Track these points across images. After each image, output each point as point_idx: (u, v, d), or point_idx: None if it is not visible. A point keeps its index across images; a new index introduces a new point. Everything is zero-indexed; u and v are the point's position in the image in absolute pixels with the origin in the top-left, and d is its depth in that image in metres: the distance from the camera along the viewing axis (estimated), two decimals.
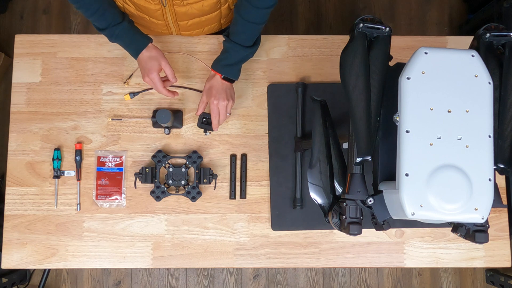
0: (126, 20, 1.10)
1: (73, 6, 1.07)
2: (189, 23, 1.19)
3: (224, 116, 1.15)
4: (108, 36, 1.11)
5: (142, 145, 1.24)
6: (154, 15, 1.15)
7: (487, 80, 0.75)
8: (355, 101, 0.80)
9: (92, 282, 2.07)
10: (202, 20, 1.19)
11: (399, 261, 1.22)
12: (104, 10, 1.07)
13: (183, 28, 1.22)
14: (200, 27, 1.24)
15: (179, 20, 1.17)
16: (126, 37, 1.11)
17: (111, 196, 1.21)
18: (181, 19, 1.17)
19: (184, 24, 1.19)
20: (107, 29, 1.09)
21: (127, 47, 1.13)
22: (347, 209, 0.81)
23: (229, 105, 1.14)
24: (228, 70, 1.12)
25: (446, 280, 2.14)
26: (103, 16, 1.07)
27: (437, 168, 0.72)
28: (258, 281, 2.09)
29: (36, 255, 1.19)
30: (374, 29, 0.83)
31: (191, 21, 1.18)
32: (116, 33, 1.09)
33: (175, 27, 1.21)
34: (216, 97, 1.12)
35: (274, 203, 1.22)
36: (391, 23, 2.35)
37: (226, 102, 1.13)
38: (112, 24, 1.08)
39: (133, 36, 1.11)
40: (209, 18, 1.20)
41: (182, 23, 1.19)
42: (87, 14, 1.07)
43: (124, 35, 1.10)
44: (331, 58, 1.30)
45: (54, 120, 1.24)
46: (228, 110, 1.15)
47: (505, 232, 1.23)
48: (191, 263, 1.20)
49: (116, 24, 1.08)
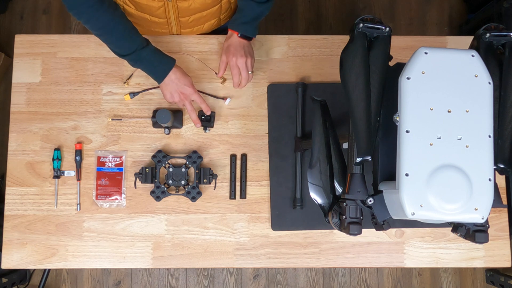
0: (150, 43, 1.10)
1: (93, 33, 1.06)
2: (191, 19, 1.19)
3: (246, 74, 1.14)
4: (133, 60, 1.09)
5: (142, 145, 1.24)
6: (156, 13, 1.15)
7: (487, 80, 0.75)
8: (355, 101, 0.80)
9: (92, 282, 2.07)
10: (203, 15, 1.20)
11: (399, 261, 1.22)
12: (130, 33, 1.06)
13: (184, 25, 1.22)
14: (200, 24, 1.24)
15: (181, 16, 1.17)
16: (155, 58, 1.10)
17: (111, 196, 1.21)
18: (183, 15, 1.17)
19: (185, 20, 1.19)
20: (133, 53, 1.07)
21: (154, 68, 1.11)
22: (347, 209, 0.81)
23: (248, 62, 1.14)
24: (244, 28, 1.13)
25: (446, 280, 2.14)
26: (128, 40, 1.06)
27: (437, 168, 0.72)
28: (258, 281, 2.09)
29: (36, 255, 1.19)
30: (374, 29, 0.83)
31: (193, 16, 1.18)
32: (142, 56, 1.08)
33: (176, 25, 1.21)
34: (234, 55, 1.12)
35: (274, 203, 1.22)
36: (391, 23, 2.35)
37: (245, 58, 1.12)
38: (139, 48, 1.07)
39: (160, 57, 1.11)
40: (209, 13, 1.20)
41: (184, 19, 1.19)
42: (110, 40, 1.05)
43: (152, 57, 1.09)
44: (331, 58, 1.30)
45: (54, 120, 1.24)
46: (249, 68, 1.14)
47: (505, 232, 1.23)
48: (191, 263, 1.20)
49: (143, 48, 1.07)
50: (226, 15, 1.27)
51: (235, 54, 1.12)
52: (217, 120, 1.25)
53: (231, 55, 1.12)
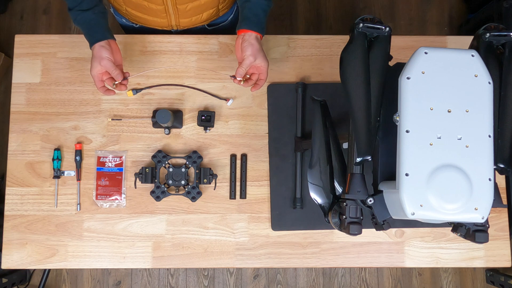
0: (94, 10, 1.08)
1: None
2: (189, 7, 1.18)
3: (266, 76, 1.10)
4: (72, 19, 1.09)
5: (142, 145, 1.24)
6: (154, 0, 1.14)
7: (487, 80, 0.75)
8: (355, 101, 0.80)
9: (92, 282, 2.07)
10: (201, 3, 1.19)
11: (399, 261, 1.22)
12: None
13: (182, 14, 1.21)
14: (199, 13, 1.23)
15: (179, 4, 1.16)
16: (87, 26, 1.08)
17: (111, 196, 1.21)
18: (180, 2, 1.16)
19: (183, 8, 1.18)
20: (72, 10, 1.07)
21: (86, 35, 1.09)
22: (347, 209, 0.81)
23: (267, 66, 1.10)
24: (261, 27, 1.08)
25: (446, 280, 2.14)
26: None
27: (437, 168, 0.72)
28: (258, 281, 2.09)
29: (36, 255, 1.19)
30: (374, 29, 0.83)
31: (191, 4, 1.18)
32: (77, 19, 1.08)
33: (174, 13, 1.20)
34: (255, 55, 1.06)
35: (274, 203, 1.22)
36: (391, 23, 2.35)
37: (267, 62, 1.08)
38: (77, 8, 1.06)
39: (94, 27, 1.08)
40: (208, 2, 1.19)
41: (182, 7, 1.18)
42: None
43: (84, 24, 1.08)
44: (331, 58, 1.30)
45: (54, 120, 1.24)
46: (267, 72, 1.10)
47: (505, 232, 1.23)
48: (191, 263, 1.20)
49: (81, 10, 1.06)
50: (225, 5, 1.27)
51: (257, 55, 1.06)
52: (217, 120, 1.25)
53: (252, 56, 1.05)
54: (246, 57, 1.05)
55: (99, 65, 1.06)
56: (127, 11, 1.24)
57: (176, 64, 1.27)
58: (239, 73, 1.07)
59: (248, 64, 1.06)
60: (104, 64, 1.05)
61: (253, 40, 1.06)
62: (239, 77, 1.07)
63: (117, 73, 1.07)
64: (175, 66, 1.27)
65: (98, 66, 1.06)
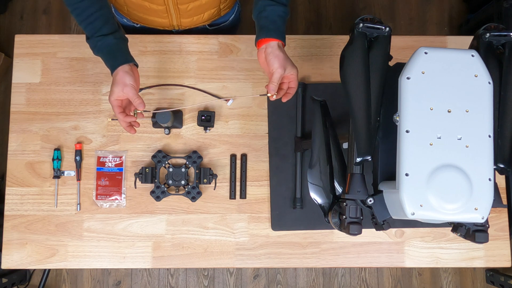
0: (116, 35, 1.02)
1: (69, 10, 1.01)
2: (190, 6, 1.18)
3: (297, 84, 1.04)
4: (91, 48, 1.03)
5: (142, 145, 1.24)
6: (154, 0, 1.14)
7: (487, 80, 0.75)
8: (355, 101, 0.80)
9: (92, 282, 2.07)
10: (203, 3, 1.19)
11: (399, 261, 1.22)
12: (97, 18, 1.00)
13: (183, 14, 1.21)
14: (200, 13, 1.23)
15: (180, 3, 1.16)
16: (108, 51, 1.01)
17: (111, 196, 1.21)
18: (182, 2, 1.16)
19: (184, 8, 1.18)
20: (91, 38, 1.01)
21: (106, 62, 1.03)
22: (347, 209, 0.81)
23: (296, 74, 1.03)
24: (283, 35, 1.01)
25: (446, 280, 2.14)
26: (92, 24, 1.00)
27: (437, 168, 0.72)
28: (258, 281, 2.09)
29: (36, 255, 1.19)
30: (374, 29, 0.83)
31: (192, 4, 1.17)
32: (98, 45, 1.01)
33: (176, 13, 1.20)
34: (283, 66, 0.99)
35: (274, 203, 1.22)
36: (391, 23, 2.35)
37: (297, 69, 1.01)
38: (97, 34, 1.00)
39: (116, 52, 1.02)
40: (209, 1, 1.19)
41: (183, 7, 1.18)
42: (79, 18, 1.00)
43: (105, 49, 1.01)
44: (331, 58, 1.30)
45: (54, 120, 1.24)
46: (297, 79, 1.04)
47: (505, 232, 1.23)
48: (191, 263, 1.20)
49: (101, 36, 1.00)
50: (226, 4, 1.27)
51: (285, 65, 0.99)
52: (217, 120, 1.25)
53: (281, 68, 0.98)
54: (275, 71, 0.98)
55: (121, 92, 0.99)
56: (128, 11, 1.24)
57: (176, 64, 1.27)
58: (271, 90, 0.99)
59: (278, 78, 0.98)
60: (127, 91, 0.99)
61: (277, 50, 0.98)
62: (271, 92, 0.99)
63: (139, 102, 0.99)
64: (175, 66, 1.27)
65: (120, 93, 0.99)
